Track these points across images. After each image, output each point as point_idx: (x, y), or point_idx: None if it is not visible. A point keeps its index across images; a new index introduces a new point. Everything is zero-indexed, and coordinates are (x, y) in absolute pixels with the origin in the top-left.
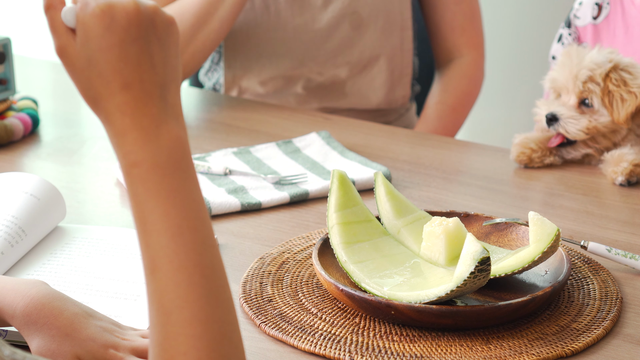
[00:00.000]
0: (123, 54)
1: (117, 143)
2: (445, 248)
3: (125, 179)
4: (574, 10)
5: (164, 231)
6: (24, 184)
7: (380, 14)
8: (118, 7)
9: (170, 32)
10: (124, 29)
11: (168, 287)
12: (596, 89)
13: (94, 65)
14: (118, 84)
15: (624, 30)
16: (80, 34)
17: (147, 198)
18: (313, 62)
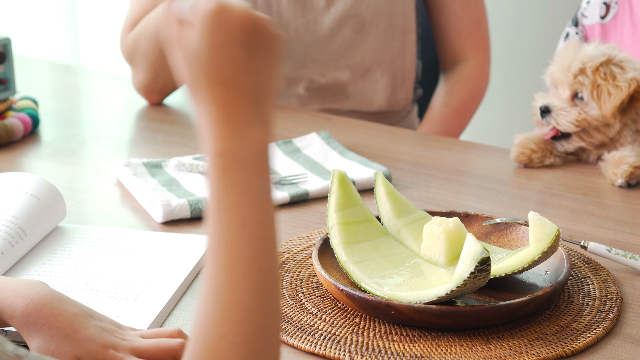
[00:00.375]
0: (227, 53)
1: (208, 131)
2: (445, 248)
3: (209, 166)
4: (582, 9)
5: (231, 219)
6: (24, 184)
7: (383, 18)
8: (233, 10)
9: (274, 46)
10: (233, 31)
11: (223, 271)
12: (586, 81)
13: (199, 58)
14: (218, 78)
15: (632, 30)
16: (196, 27)
17: (223, 186)
18: (315, 64)
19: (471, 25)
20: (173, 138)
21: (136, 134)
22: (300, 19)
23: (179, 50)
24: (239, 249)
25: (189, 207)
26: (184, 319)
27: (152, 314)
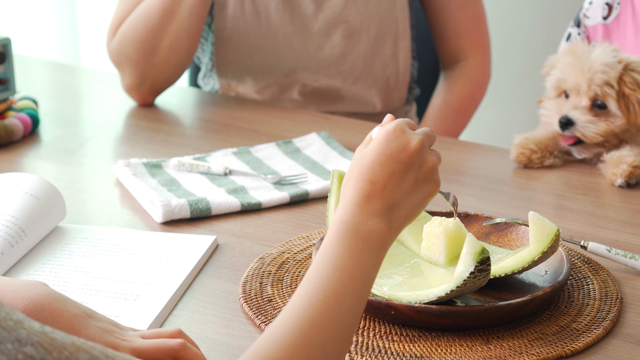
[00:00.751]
0: (384, 162)
1: (341, 205)
2: (445, 248)
3: (329, 229)
4: (584, 9)
5: (334, 270)
6: (24, 184)
7: (373, 24)
8: (406, 134)
9: (429, 186)
10: (397, 150)
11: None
12: (612, 92)
13: (365, 158)
14: (369, 176)
15: (635, 31)
16: (372, 138)
17: (336, 247)
18: (306, 72)
19: (470, 25)
20: (173, 138)
21: (136, 134)
22: (289, 26)
23: (359, 150)
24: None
25: (189, 207)
26: (184, 319)
27: (152, 314)
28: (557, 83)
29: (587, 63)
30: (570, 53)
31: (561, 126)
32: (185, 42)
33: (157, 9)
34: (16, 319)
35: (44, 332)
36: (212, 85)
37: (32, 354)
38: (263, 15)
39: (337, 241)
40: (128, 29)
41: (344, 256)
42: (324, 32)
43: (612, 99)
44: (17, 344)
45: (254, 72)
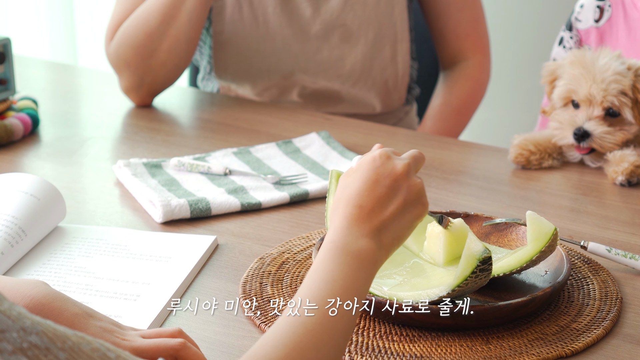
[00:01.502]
0: (371, 188)
1: (330, 230)
2: (444, 248)
3: (320, 249)
4: (575, 13)
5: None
6: (24, 184)
7: (371, 28)
8: (392, 161)
9: (417, 209)
10: (383, 175)
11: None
12: (627, 101)
13: (350, 186)
14: (356, 201)
15: (627, 33)
16: (357, 165)
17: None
18: (304, 74)
19: (469, 26)
20: (173, 138)
21: (136, 134)
22: (286, 30)
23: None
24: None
25: (189, 207)
26: (184, 319)
27: (152, 314)
28: (567, 94)
29: (598, 73)
30: (577, 63)
31: (577, 138)
32: (184, 46)
33: (157, 13)
34: (19, 310)
35: (47, 323)
36: (212, 88)
37: (36, 342)
38: (261, 18)
39: (328, 258)
40: (126, 32)
41: (335, 271)
42: (322, 35)
43: (627, 107)
44: (22, 333)
45: (253, 75)
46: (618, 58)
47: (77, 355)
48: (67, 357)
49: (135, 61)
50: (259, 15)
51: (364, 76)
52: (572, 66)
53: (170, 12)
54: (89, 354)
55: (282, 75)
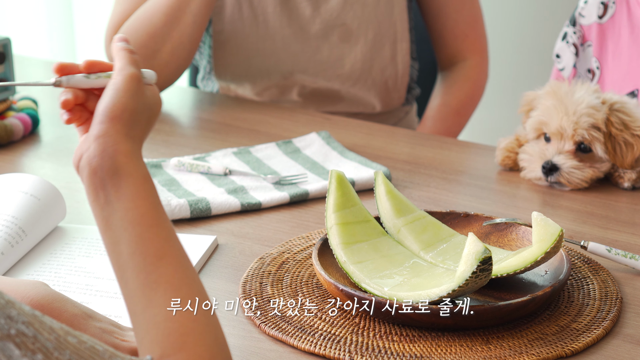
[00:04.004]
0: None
1: (137, 157)
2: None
3: (143, 183)
4: (579, 8)
5: (171, 228)
6: (24, 184)
7: (371, 27)
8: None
9: None
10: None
11: (177, 268)
12: (599, 136)
13: (149, 110)
14: (147, 131)
15: (630, 31)
16: (155, 93)
17: (159, 202)
18: (304, 74)
19: (467, 27)
20: (173, 138)
21: None
22: (286, 29)
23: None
24: (182, 250)
25: (189, 207)
26: None
27: None
28: (539, 125)
29: (571, 106)
30: (552, 95)
31: (545, 172)
32: (187, 47)
33: (160, 14)
34: (7, 299)
35: (34, 315)
36: (212, 88)
37: (24, 331)
38: (261, 18)
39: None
40: (128, 32)
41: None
42: (322, 35)
43: (599, 142)
44: (9, 321)
45: (253, 75)
46: (594, 92)
47: (64, 346)
48: (54, 347)
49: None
50: (259, 14)
51: (364, 76)
52: (547, 97)
53: (175, 14)
54: (75, 345)
55: (281, 74)
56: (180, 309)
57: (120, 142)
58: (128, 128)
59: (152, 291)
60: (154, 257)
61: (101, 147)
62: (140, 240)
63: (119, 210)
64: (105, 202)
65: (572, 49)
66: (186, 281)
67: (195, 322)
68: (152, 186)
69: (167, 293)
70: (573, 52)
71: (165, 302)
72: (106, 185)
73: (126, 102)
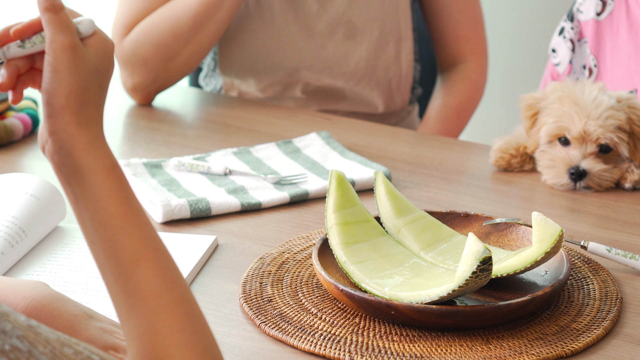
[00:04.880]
0: (110, 77)
1: (99, 144)
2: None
3: (105, 178)
4: (577, 4)
5: (144, 223)
6: (24, 184)
7: (376, 25)
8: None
9: None
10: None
11: (155, 273)
12: (624, 136)
13: (98, 75)
14: (104, 98)
15: (628, 29)
16: (98, 47)
17: (128, 194)
18: (309, 71)
19: (469, 28)
20: (173, 138)
21: (136, 134)
22: (292, 25)
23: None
24: (160, 247)
25: (189, 207)
26: None
27: None
28: (559, 131)
29: (593, 109)
30: (565, 99)
31: (574, 178)
32: (204, 52)
33: (188, 19)
34: (2, 311)
35: (29, 326)
36: (215, 85)
37: (18, 346)
38: (267, 14)
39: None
40: (150, 31)
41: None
42: (327, 32)
43: (624, 142)
44: (2, 335)
45: (257, 71)
46: (605, 91)
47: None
48: None
49: (155, 60)
50: (265, 11)
51: (368, 74)
52: (560, 102)
53: (202, 20)
54: (71, 357)
55: (286, 71)
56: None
57: (74, 136)
58: (78, 115)
59: (132, 299)
60: (129, 262)
61: (57, 145)
62: (112, 244)
63: (88, 210)
64: (75, 200)
65: (569, 44)
66: (167, 286)
67: (181, 332)
68: (117, 178)
69: (148, 302)
70: (569, 47)
71: (147, 312)
72: (71, 183)
73: (67, 84)
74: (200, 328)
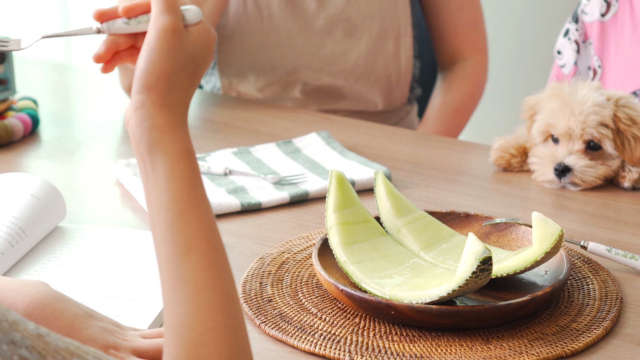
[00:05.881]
0: (205, 68)
1: (178, 128)
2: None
3: (178, 163)
4: (582, 5)
5: (206, 214)
6: (24, 184)
7: (375, 22)
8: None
9: None
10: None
11: (204, 266)
12: (608, 132)
13: (194, 62)
14: (193, 85)
15: (632, 29)
16: (199, 36)
17: (196, 182)
18: (308, 70)
19: (468, 26)
20: None
21: None
22: (291, 24)
23: (179, 45)
24: (215, 241)
25: None
26: None
27: (152, 314)
28: (546, 128)
29: (577, 105)
30: (555, 97)
31: (557, 174)
32: None
33: None
34: (12, 320)
35: (39, 334)
36: (214, 84)
37: (26, 356)
38: (265, 12)
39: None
40: None
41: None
42: (326, 30)
43: (608, 139)
44: (12, 346)
45: (256, 70)
46: (597, 89)
47: None
48: None
49: None
50: (263, 9)
51: (367, 71)
52: (550, 99)
53: None
54: None
55: (285, 70)
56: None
57: (155, 116)
58: (164, 96)
59: (176, 287)
60: (182, 250)
61: (139, 121)
62: (170, 228)
63: (155, 190)
64: (146, 177)
65: (574, 46)
66: (212, 282)
67: (213, 331)
68: (189, 165)
69: (190, 294)
70: (574, 49)
71: (187, 304)
72: (145, 161)
73: (161, 65)
74: (235, 331)
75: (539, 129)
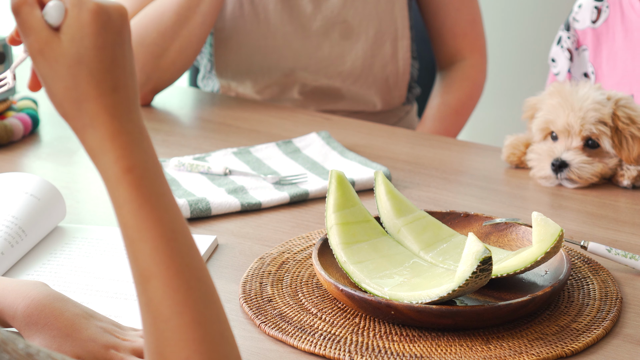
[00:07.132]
0: (115, 55)
1: (106, 148)
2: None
3: (116, 187)
4: (573, 13)
5: (159, 237)
6: (24, 184)
7: (372, 24)
8: (112, 7)
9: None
10: (118, 30)
11: (166, 294)
12: (606, 130)
13: (84, 64)
14: (109, 85)
15: (624, 35)
16: (73, 31)
17: (141, 204)
18: (305, 71)
19: (467, 26)
20: (173, 138)
21: None
22: (288, 26)
23: (54, 61)
24: (174, 265)
25: (189, 207)
26: None
27: None
28: (545, 125)
29: (577, 102)
30: (556, 94)
31: (554, 169)
32: (194, 47)
33: (171, 13)
34: (2, 337)
35: (28, 354)
36: (212, 87)
37: None
38: (262, 15)
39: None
40: (137, 31)
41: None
42: (323, 32)
43: (606, 137)
44: None
45: (254, 72)
46: (598, 89)
47: None
48: None
49: (145, 59)
50: (260, 12)
51: (365, 73)
52: (551, 97)
53: (185, 13)
54: None
55: (283, 72)
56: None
57: (83, 141)
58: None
59: (144, 315)
60: (141, 278)
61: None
62: (130, 254)
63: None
64: None
65: (567, 54)
66: (177, 309)
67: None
68: (128, 186)
69: (156, 324)
70: (567, 57)
71: (156, 334)
72: None
73: (55, 90)
74: (213, 354)
75: (539, 126)
